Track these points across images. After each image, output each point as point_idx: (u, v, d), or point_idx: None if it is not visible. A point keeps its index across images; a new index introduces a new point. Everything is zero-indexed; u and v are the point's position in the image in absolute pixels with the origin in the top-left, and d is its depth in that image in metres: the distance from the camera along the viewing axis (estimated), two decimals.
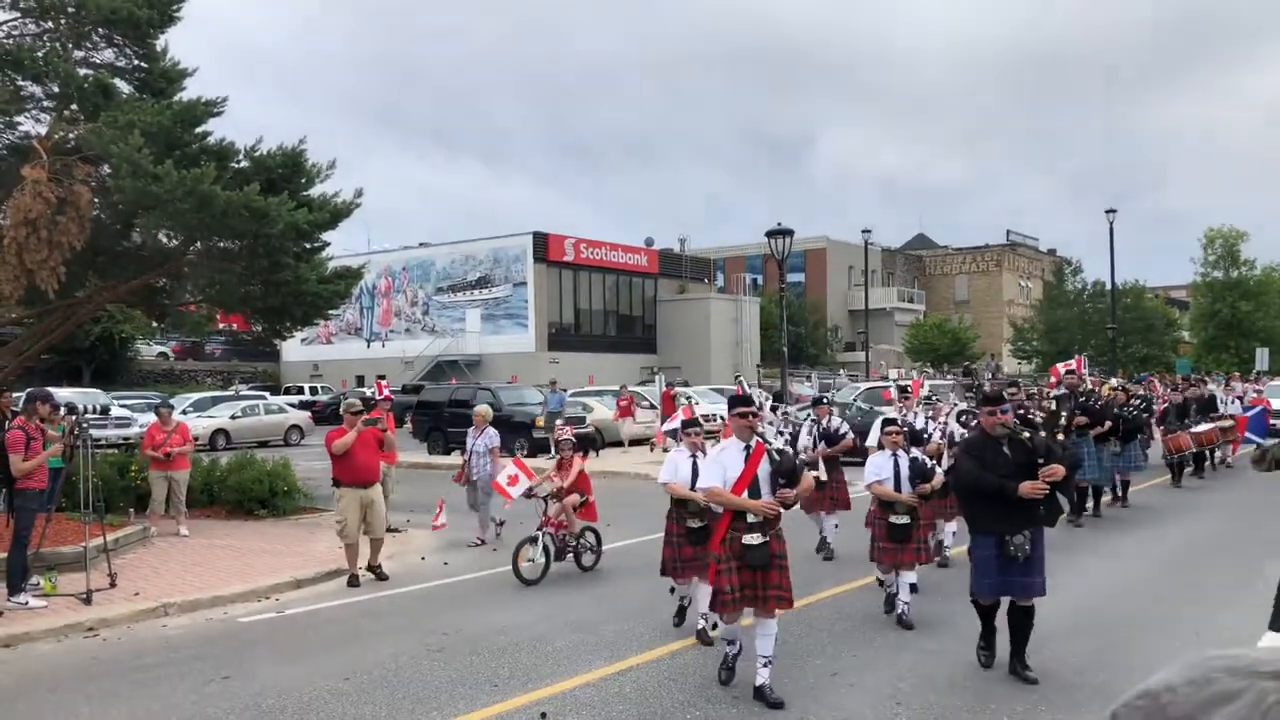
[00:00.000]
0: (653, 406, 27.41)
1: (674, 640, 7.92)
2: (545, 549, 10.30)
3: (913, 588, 8.31)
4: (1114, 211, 42.07)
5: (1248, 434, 20.96)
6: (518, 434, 23.05)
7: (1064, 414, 9.15)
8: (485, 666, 7.39)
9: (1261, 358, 46.88)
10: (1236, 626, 7.80)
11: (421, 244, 51.22)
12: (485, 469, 13.01)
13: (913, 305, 66.79)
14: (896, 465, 8.39)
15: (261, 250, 14.18)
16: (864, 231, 46.12)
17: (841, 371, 48.48)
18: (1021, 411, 9.20)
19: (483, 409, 14.15)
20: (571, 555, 10.58)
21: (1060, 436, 7.15)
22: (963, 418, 11.41)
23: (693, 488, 7.49)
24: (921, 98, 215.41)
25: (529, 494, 10.95)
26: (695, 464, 7.67)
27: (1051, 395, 11.71)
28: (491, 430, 13.58)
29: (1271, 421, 24.70)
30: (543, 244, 45.28)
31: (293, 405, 35.53)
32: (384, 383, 17.51)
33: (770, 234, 22.82)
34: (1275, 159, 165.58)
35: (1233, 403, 21.90)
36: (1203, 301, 54.39)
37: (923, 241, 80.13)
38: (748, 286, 54.54)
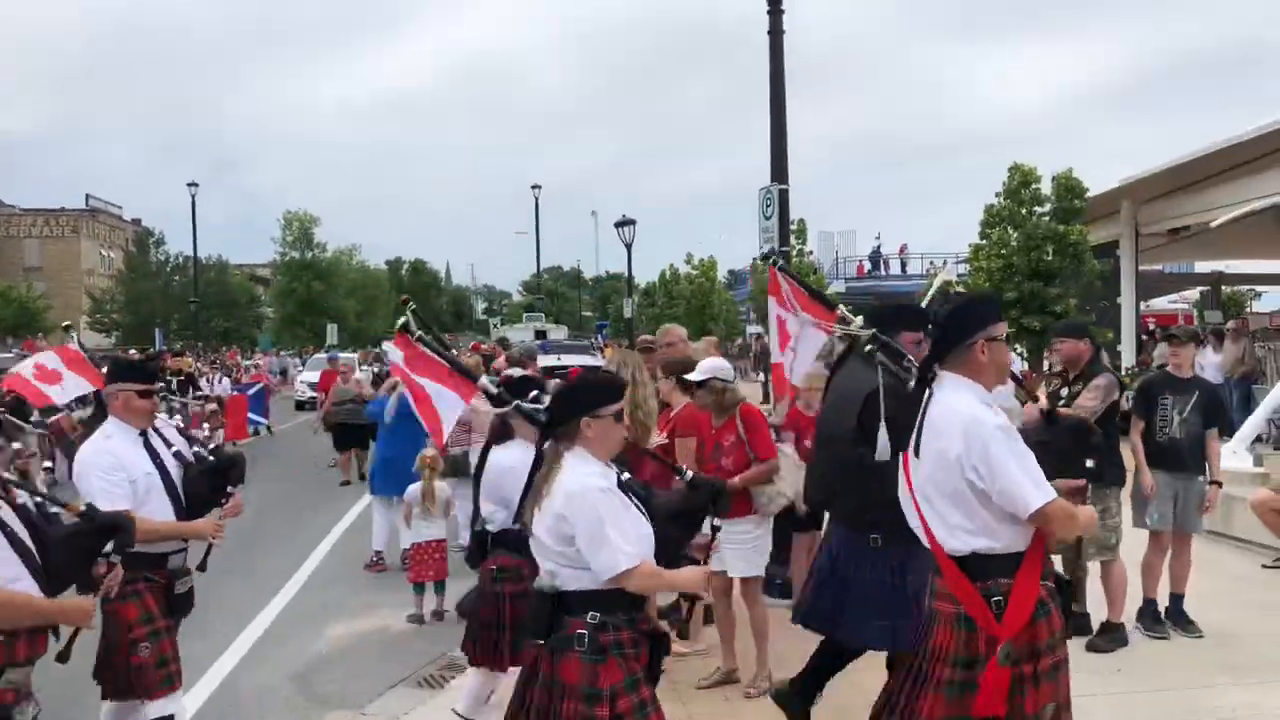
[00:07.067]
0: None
1: None
2: None
3: None
4: (196, 185, 42.36)
5: (250, 414, 19.62)
6: None
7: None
8: None
9: (332, 333, 51.70)
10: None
11: None
12: None
13: None
14: None
15: None
16: None
17: None
18: None
19: None
20: None
21: None
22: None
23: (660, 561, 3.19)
24: None
25: None
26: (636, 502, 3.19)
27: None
28: None
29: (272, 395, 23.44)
30: None
31: None
32: None
33: None
34: (343, 151, 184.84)
35: (220, 382, 21.11)
36: (282, 280, 57.94)
37: None
38: None
